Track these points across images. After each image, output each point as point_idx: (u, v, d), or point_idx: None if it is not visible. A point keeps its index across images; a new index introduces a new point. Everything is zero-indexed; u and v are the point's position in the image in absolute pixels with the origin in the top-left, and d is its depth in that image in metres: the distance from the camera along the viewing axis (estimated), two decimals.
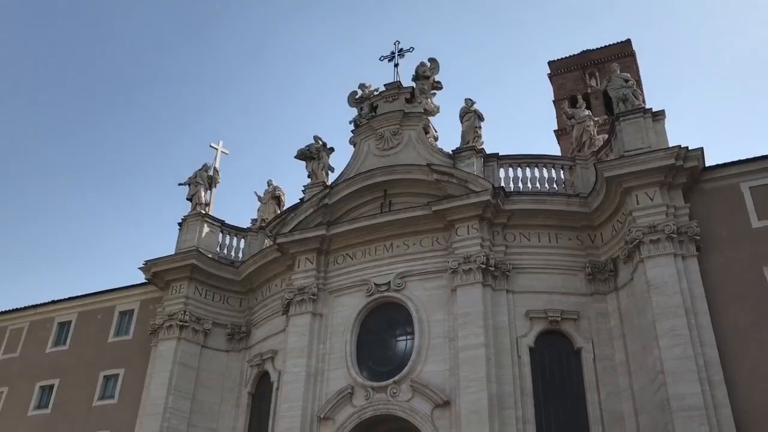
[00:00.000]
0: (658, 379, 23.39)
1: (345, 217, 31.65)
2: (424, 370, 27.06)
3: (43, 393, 35.49)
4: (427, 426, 25.98)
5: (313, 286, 30.30)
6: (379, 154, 32.52)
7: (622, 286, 27.04)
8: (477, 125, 31.60)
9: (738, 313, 24.18)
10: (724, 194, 26.54)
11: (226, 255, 35.32)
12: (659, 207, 26.09)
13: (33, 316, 38.53)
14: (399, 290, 29.06)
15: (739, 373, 23.10)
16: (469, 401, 25.18)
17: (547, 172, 30.54)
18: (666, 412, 22.69)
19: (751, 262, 24.87)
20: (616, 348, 26.27)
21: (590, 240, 28.58)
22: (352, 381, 27.90)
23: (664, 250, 25.24)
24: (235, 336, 33.33)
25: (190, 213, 35.70)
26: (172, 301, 33.26)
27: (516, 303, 27.40)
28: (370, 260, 30.30)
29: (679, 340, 23.48)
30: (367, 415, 27.17)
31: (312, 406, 28.04)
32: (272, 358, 30.84)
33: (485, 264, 27.34)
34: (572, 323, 26.90)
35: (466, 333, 26.41)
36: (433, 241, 29.66)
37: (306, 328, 29.51)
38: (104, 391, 33.99)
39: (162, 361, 31.75)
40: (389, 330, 29.22)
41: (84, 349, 35.79)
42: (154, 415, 30.35)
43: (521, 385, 25.82)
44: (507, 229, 28.96)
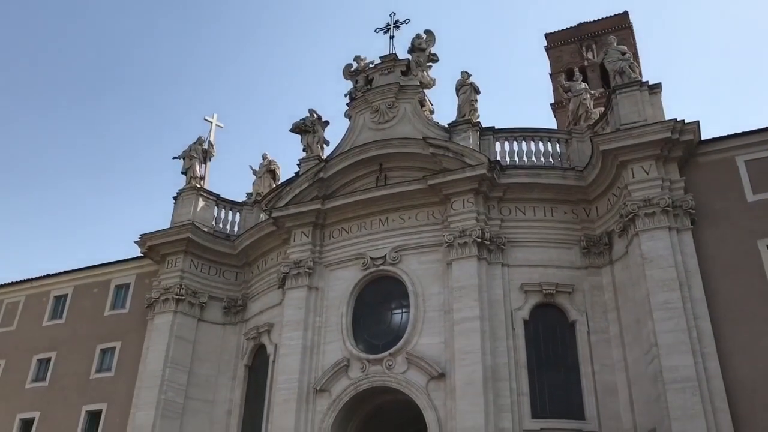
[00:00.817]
0: (652, 351, 23.62)
1: (340, 191, 31.61)
2: (420, 342, 27.26)
3: (40, 366, 35.68)
4: (422, 397, 26.24)
5: (309, 260, 30.37)
6: (374, 128, 32.38)
7: (617, 260, 27.18)
8: (473, 98, 31.45)
9: (732, 286, 24.35)
10: (720, 168, 26.56)
11: (221, 229, 35.31)
12: (655, 180, 26.13)
13: (29, 289, 38.59)
14: (395, 264, 29.15)
15: (731, 346, 23.34)
16: (464, 373, 25.40)
17: (543, 145, 30.49)
18: (659, 383, 22.96)
19: (745, 235, 24.97)
20: (610, 321, 26.49)
21: (585, 213, 28.64)
22: (348, 353, 28.10)
23: (659, 224, 25.34)
24: (232, 309, 33.46)
25: (185, 187, 35.61)
26: (168, 275, 33.32)
27: (511, 276, 27.54)
28: (365, 234, 30.35)
29: (672, 313, 23.68)
30: (363, 387, 27.42)
31: (308, 378, 28.27)
32: (268, 331, 31.03)
33: (481, 238, 27.41)
34: (567, 296, 27.08)
35: (461, 306, 26.57)
36: (428, 214, 29.68)
37: (302, 302, 29.64)
38: (101, 364, 34.20)
39: (158, 334, 31.90)
40: (385, 303, 29.38)
41: (80, 323, 35.92)
42: (151, 387, 30.57)
43: (516, 357, 26.05)
44: (502, 202, 28.99)
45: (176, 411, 30.39)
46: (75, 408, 33.16)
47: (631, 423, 24.51)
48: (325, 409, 27.51)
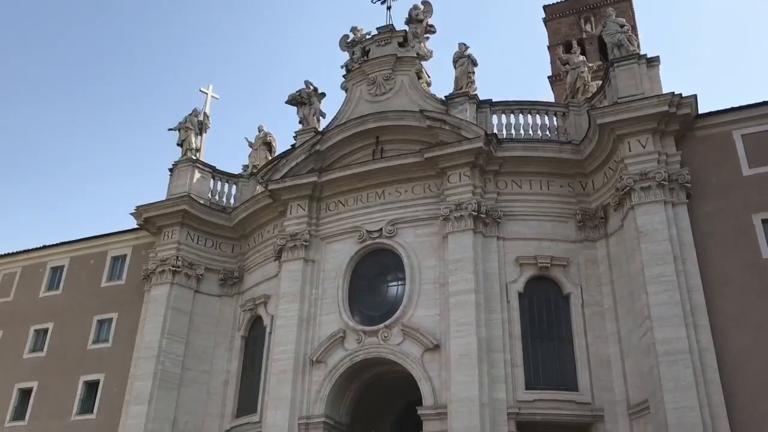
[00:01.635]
0: (645, 324, 23.85)
1: (337, 164, 31.55)
2: (415, 314, 27.46)
3: (37, 336, 35.90)
4: (417, 368, 26.50)
5: (306, 232, 30.42)
6: (371, 100, 32.22)
7: (612, 233, 27.30)
8: (470, 71, 31.25)
9: (725, 259, 24.52)
10: (716, 142, 26.56)
11: (217, 201, 35.30)
12: (651, 154, 26.13)
13: (25, 260, 38.66)
14: (391, 237, 29.23)
15: (724, 318, 23.58)
16: (458, 345, 25.63)
17: (540, 118, 30.41)
18: (652, 355, 23.22)
19: (740, 209, 25.08)
20: (605, 294, 26.70)
21: (581, 187, 28.69)
22: (344, 325, 28.30)
23: (654, 198, 25.41)
24: (228, 281, 33.59)
25: (181, 159, 35.52)
26: (164, 247, 33.38)
27: (506, 249, 27.65)
28: (362, 207, 30.38)
29: (666, 286, 23.86)
30: (359, 358, 27.67)
31: (304, 350, 28.50)
32: (265, 303, 31.20)
33: (476, 211, 27.46)
34: (562, 269, 27.24)
35: (456, 279, 26.71)
36: (425, 188, 29.70)
37: (298, 274, 29.76)
38: (98, 334, 34.42)
39: (155, 306, 32.06)
40: (381, 276, 29.53)
41: (77, 294, 36.06)
42: (148, 358, 30.80)
43: (510, 329, 26.27)
44: (499, 176, 29.00)
45: (173, 381, 30.66)
46: (73, 378, 33.45)
47: (623, 394, 24.84)
48: (321, 380, 27.79)
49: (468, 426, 24.16)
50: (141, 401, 29.90)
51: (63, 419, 32.66)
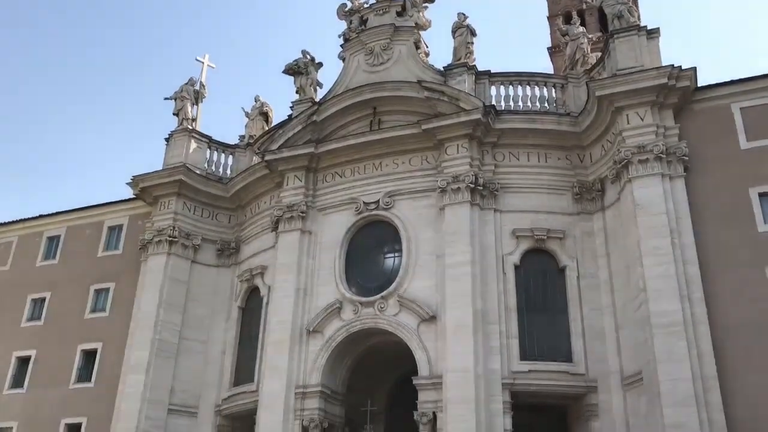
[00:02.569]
0: (640, 296, 23.99)
1: (334, 135, 31.39)
2: (411, 286, 27.56)
3: (35, 305, 35.99)
4: (413, 339, 26.69)
5: (302, 203, 30.38)
6: (368, 70, 31.94)
7: (609, 206, 27.32)
8: (469, 41, 30.95)
9: (721, 233, 24.59)
10: (715, 115, 26.49)
11: (214, 171, 35.17)
12: (649, 127, 26.06)
13: (21, 230, 38.59)
14: (387, 209, 29.21)
15: (718, 291, 23.74)
16: (454, 316, 25.78)
17: (539, 90, 30.22)
18: (646, 328, 23.40)
19: (737, 182, 25.10)
20: (600, 266, 26.80)
21: (579, 160, 28.63)
22: (340, 296, 28.42)
23: (651, 171, 25.39)
24: (225, 252, 33.62)
25: (177, 128, 35.32)
26: (160, 217, 33.33)
27: (503, 222, 27.68)
28: (359, 178, 30.31)
29: (662, 259, 23.97)
30: (355, 328, 27.84)
31: (301, 320, 28.65)
32: (262, 274, 31.27)
33: (474, 183, 27.41)
34: (558, 242, 27.30)
35: (453, 251, 26.77)
36: (422, 160, 29.60)
37: (295, 245, 29.79)
38: (95, 304, 34.51)
39: (152, 276, 32.12)
40: (378, 247, 29.59)
41: (74, 264, 36.08)
42: (145, 327, 30.94)
43: (506, 301, 26.41)
44: (497, 148, 28.90)
45: (171, 351, 30.83)
46: (70, 347, 33.62)
47: (617, 366, 25.07)
48: (318, 350, 27.98)
49: (463, 396, 24.41)
50: (138, 370, 30.10)
51: (61, 387, 32.89)
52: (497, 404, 24.70)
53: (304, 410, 27.25)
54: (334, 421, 28.14)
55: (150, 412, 29.44)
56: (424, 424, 25.52)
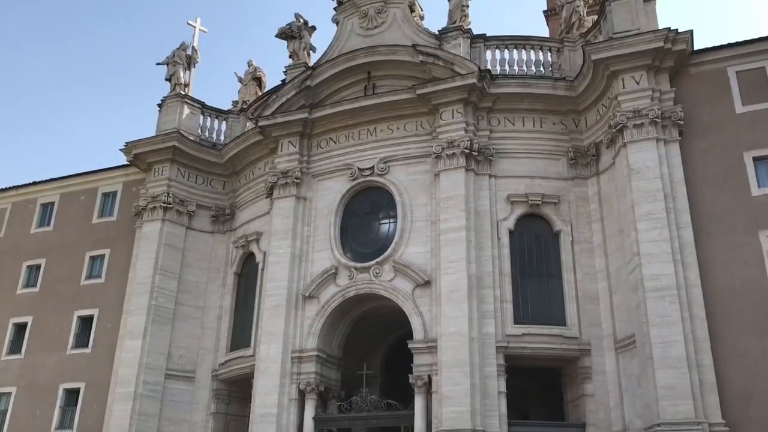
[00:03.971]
0: (634, 260, 24.16)
1: (328, 100, 31.17)
2: (406, 251, 27.66)
3: (30, 272, 36.05)
4: (408, 304, 26.89)
5: (297, 170, 30.30)
6: (362, 34, 31.59)
7: (604, 171, 27.35)
8: (464, 4, 30.56)
9: (716, 197, 24.68)
10: (711, 79, 26.38)
11: (207, 137, 35.00)
12: (645, 91, 25.96)
13: (15, 197, 38.46)
14: (382, 175, 29.16)
15: (711, 255, 23.91)
16: (449, 281, 25.94)
17: (534, 54, 29.97)
18: (639, 291, 23.61)
19: (732, 147, 25.11)
20: (594, 231, 26.93)
21: (574, 124, 28.56)
22: (336, 262, 28.53)
23: (646, 135, 25.37)
24: (220, 218, 33.62)
25: (170, 94, 35.01)
26: (154, 183, 33.25)
27: (498, 187, 27.68)
28: (353, 144, 30.19)
29: (656, 223, 24.08)
30: (351, 294, 28.01)
31: (297, 286, 28.79)
32: (257, 240, 31.33)
33: (469, 149, 27.35)
34: (552, 207, 27.37)
35: (447, 216, 26.82)
36: (417, 125, 29.47)
37: (290, 211, 29.79)
38: (91, 270, 34.58)
39: (147, 242, 32.15)
40: (373, 213, 29.61)
41: (69, 230, 36.06)
42: (141, 293, 31.07)
43: (500, 266, 26.55)
44: (492, 113, 28.77)
45: (167, 316, 31.02)
46: (67, 313, 33.77)
47: (610, 329, 25.36)
48: (314, 315, 28.19)
49: (457, 359, 24.69)
50: (135, 336, 30.31)
51: (59, 353, 33.13)
52: (491, 367, 24.98)
53: (300, 374, 27.56)
54: (330, 385, 28.48)
55: (148, 377, 29.72)
56: (419, 387, 25.85)
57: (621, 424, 24.14)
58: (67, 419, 31.91)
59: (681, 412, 21.68)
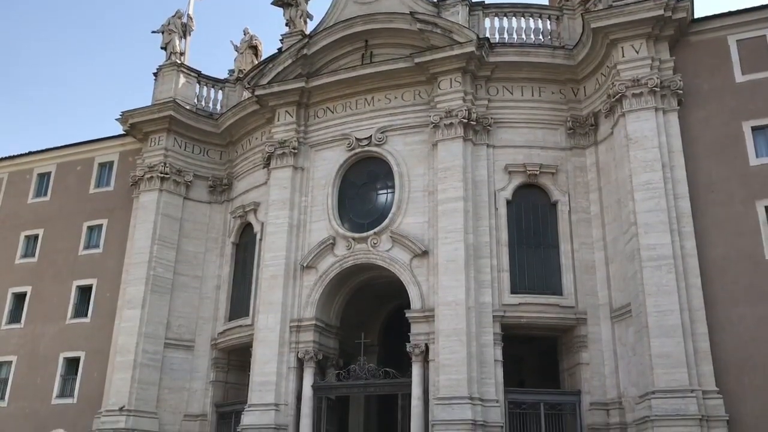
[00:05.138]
0: (631, 230, 24.23)
1: (325, 69, 30.90)
2: (404, 222, 27.69)
3: (28, 242, 36.10)
4: (405, 273, 27.00)
5: (294, 139, 30.17)
6: (360, 2, 31.12)
7: (602, 141, 27.28)
8: None
9: (713, 167, 24.67)
10: (711, 47, 26.18)
11: (204, 107, 34.77)
12: (644, 60, 25.78)
13: (11, 167, 38.33)
14: (380, 145, 29.05)
15: (708, 225, 23.99)
16: (446, 251, 26.01)
17: (533, 22, 29.64)
18: (636, 261, 23.71)
19: (731, 116, 25.03)
20: (592, 201, 26.95)
21: (573, 94, 28.40)
22: (333, 232, 28.57)
23: (645, 104, 25.26)
24: (217, 188, 33.57)
25: (165, 62, 34.71)
26: (151, 153, 33.12)
27: (496, 157, 27.61)
28: (350, 114, 30.02)
29: (653, 193, 24.10)
30: (348, 264, 28.10)
31: (295, 256, 28.87)
32: (255, 210, 31.32)
33: (467, 118, 27.21)
34: (550, 177, 27.34)
35: (445, 187, 26.79)
36: (415, 94, 29.28)
37: (287, 182, 29.74)
38: (89, 241, 34.63)
39: (145, 212, 32.14)
40: (370, 184, 29.58)
41: (66, 200, 36.02)
42: (139, 264, 31.16)
43: (497, 236, 26.61)
44: (490, 82, 28.57)
45: (165, 286, 31.15)
46: (65, 283, 33.90)
47: (606, 298, 25.53)
48: (312, 285, 28.31)
49: (454, 328, 24.88)
50: (134, 305, 30.47)
51: (58, 323, 33.33)
52: (488, 336, 25.18)
53: (299, 343, 27.78)
54: (328, 354, 28.72)
55: (147, 346, 29.95)
56: (417, 355, 26.07)
57: (616, 392, 24.44)
58: (67, 388, 32.25)
59: (675, 380, 21.93)
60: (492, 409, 24.27)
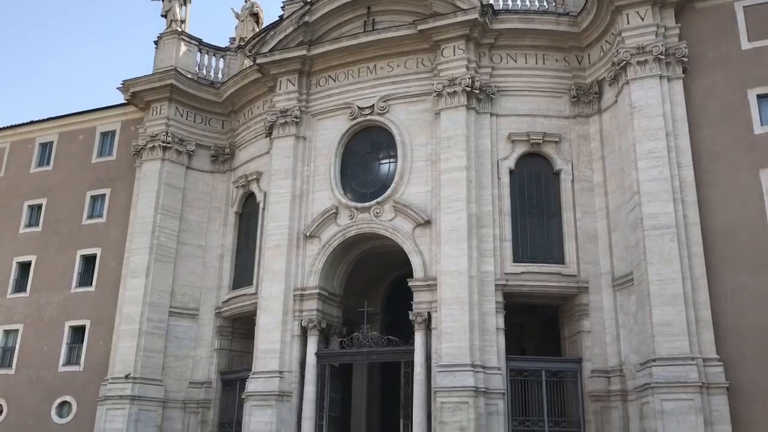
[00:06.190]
0: (634, 199, 24.21)
1: (327, 37, 30.61)
2: (407, 191, 27.67)
3: (32, 212, 36.19)
4: (408, 243, 27.07)
5: (296, 108, 30.01)
6: None
7: (606, 109, 27.11)
8: None
9: (717, 135, 24.51)
10: (717, 14, 25.81)
11: (205, 75, 34.54)
12: (649, 27, 25.48)
13: (13, 136, 38.25)
14: (382, 114, 28.90)
15: (712, 193, 23.93)
16: (449, 220, 26.04)
17: None
18: (638, 229, 23.74)
19: (735, 84, 24.78)
20: (595, 170, 26.88)
21: (577, 61, 28.14)
22: (336, 202, 28.58)
23: (650, 72, 25.03)
24: (219, 157, 33.52)
25: (166, 31, 34.44)
26: (153, 122, 33.03)
27: (499, 126, 27.47)
28: (353, 82, 29.81)
29: (657, 161, 24.02)
30: (351, 233, 28.16)
31: (298, 225, 28.93)
32: (257, 180, 31.31)
33: (470, 87, 27.00)
34: (553, 145, 27.23)
35: (448, 156, 26.72)
36: (417, 62, 29.03)
37: (290, 151, 29.67)
38: (92, 210, 34.72)
39: (147, 182, 32.17)
40: (373, 153, 29.49)
41: (68, 170, 36.02)
42: (143, 233, 31.28)
43: (500, 205, 26.60)
44: (494, 49, 28.30)
45: (169, 255, 31.32)
46: (70, 252, 34.07)
47: (608, 267, 25.61)
48: (315, 254, 28.41)
49: (457, 296, 25.02)
50: (138, 274, 30.66)
51: (63, 291, 33.57)
52: (490, 304, 25.33)
53: (302, 311, 27.97)
54: (331, 322, 28.94)
55: (152, 315, 30.21)
56: (419, 323, 26.27)
57: (617, 360, 24.65)
58: (74, 356, 32.61)
59: (676, 348, 22.10)
60: (494, 376, 24.51)
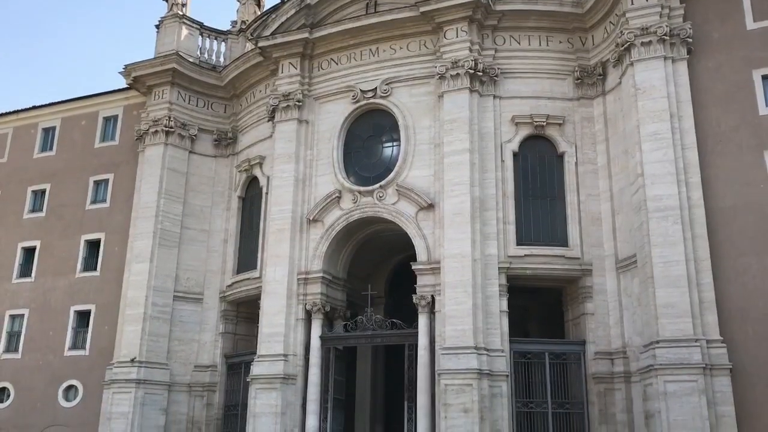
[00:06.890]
0: (638, 181, 24.13)
1: (329, 19, 30.43)
2: (410, 175, 27.61)
3: (35, 197, 36.25)
4: (411, 226, 27.07)
5: (298, 92, 29.90)
6: None
7: (610, 91, 26.96)
8: None
9: (722, 115, 24.36)
10: None
11: (207, 59, 34.37)
12: (654, 8, 25.25)
13: (16, 121, 38.22)
14: (385, 97, 28.77)
15: (716, 176, 23.82)
16: (452, 204, 25.99)
17: None
18: (642, 212, 23.69)
19: (741, 64, 24.58)
20: (599, 152, 26.78)
21: (581, 43, 27.95)
22: (339, 186, 28.55)
23: (654, 53, 24.84)
24: (222, 142, 33.46)
25: (167, 14, 34.24)
26: (155, 107, 32.96)
27: (502, 109, 27.33)
28: (355, 65, 29.65)
29: (661, 143, 23.91)
30: (355, 217, 28.15)
31: (301, 209, 28.93)
32: (260, 164, 31.27)
33: (473, 69, 26.85)
34: (557, 128, 27.12)
35: (451, 139, 26.62)
36: (420, 45, 28.85)
37: (293, 135, 29.61)
38: (95, 195, 34.77)
39: (150, 166, 32.15)
40: (376, 136, 29.39)
41: (71, 155, 36.03)
42: (147, 218, 31.32)
43: (503, 188, 26.53)
44: (497, 31, 28.09)
45: (173, 240, 31.36)
46: (74, 237, 34.17)
47: (612, 249, 25.60)
48: (319, 238, 28.43)
49: (460, 280, 25.04)
50: (142, 259, 30.75)
51: (68, 276, 33.70)
52: (493, 287, 25.34)
53: (306, 295, 28.06)
54: (335, 305, 29.03)
55: (156, 299, 30.32)
56: (423, 306, 26.33)
57: (620, 342, 24.71)
58: (79, 340, 32.81)
59: (680, 330, 22.12)
60: (497, 359, 24.58)
